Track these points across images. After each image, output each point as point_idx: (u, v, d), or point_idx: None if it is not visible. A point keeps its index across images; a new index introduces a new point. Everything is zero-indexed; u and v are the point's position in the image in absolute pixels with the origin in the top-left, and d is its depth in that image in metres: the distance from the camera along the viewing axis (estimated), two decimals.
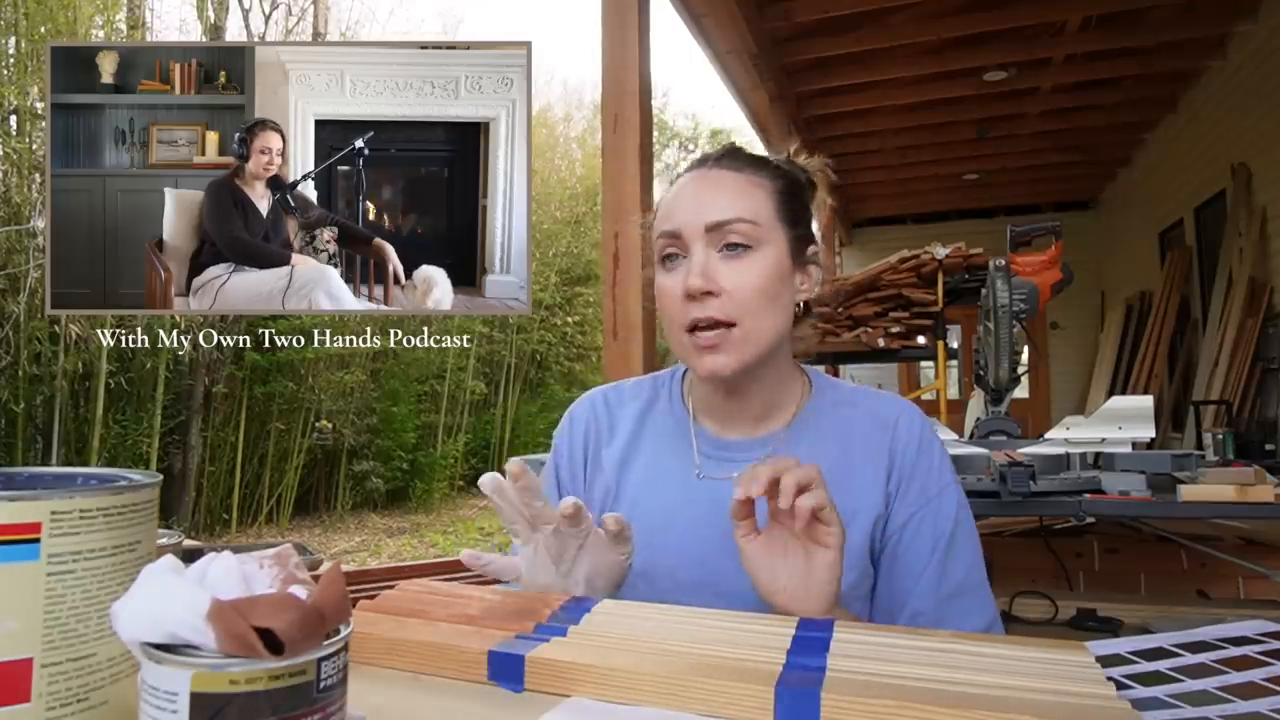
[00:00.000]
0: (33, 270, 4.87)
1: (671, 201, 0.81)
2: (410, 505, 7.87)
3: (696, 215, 0.77)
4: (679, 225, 0.78)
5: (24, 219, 4.94)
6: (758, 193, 0.79)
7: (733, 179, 0.79)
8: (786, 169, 0.84)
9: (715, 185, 0.79)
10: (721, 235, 0.77)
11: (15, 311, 4.83)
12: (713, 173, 0.81)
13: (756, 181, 0.80)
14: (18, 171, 5.16)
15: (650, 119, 2.66)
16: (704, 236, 0.77)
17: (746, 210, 0.77)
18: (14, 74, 5.14)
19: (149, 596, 0.33)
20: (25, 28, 5.16)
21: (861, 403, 0.85)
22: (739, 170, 0.80)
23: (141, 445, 5.66)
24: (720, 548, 0.78)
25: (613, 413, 0.91)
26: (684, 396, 0.90)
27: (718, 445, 0.84)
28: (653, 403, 0.91)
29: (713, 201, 0.78)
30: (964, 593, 0.78)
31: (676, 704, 0.46)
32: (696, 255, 0.77)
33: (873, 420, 0.83)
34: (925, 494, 0.80)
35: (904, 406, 0.85)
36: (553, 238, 9.00)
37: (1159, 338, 5.83)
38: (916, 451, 0.81)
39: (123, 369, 5.71)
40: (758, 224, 0.77)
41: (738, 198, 0.78)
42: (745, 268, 0.76)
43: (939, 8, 4.34)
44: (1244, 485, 1.57)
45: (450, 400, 8.19)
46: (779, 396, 0.84)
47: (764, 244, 0.77)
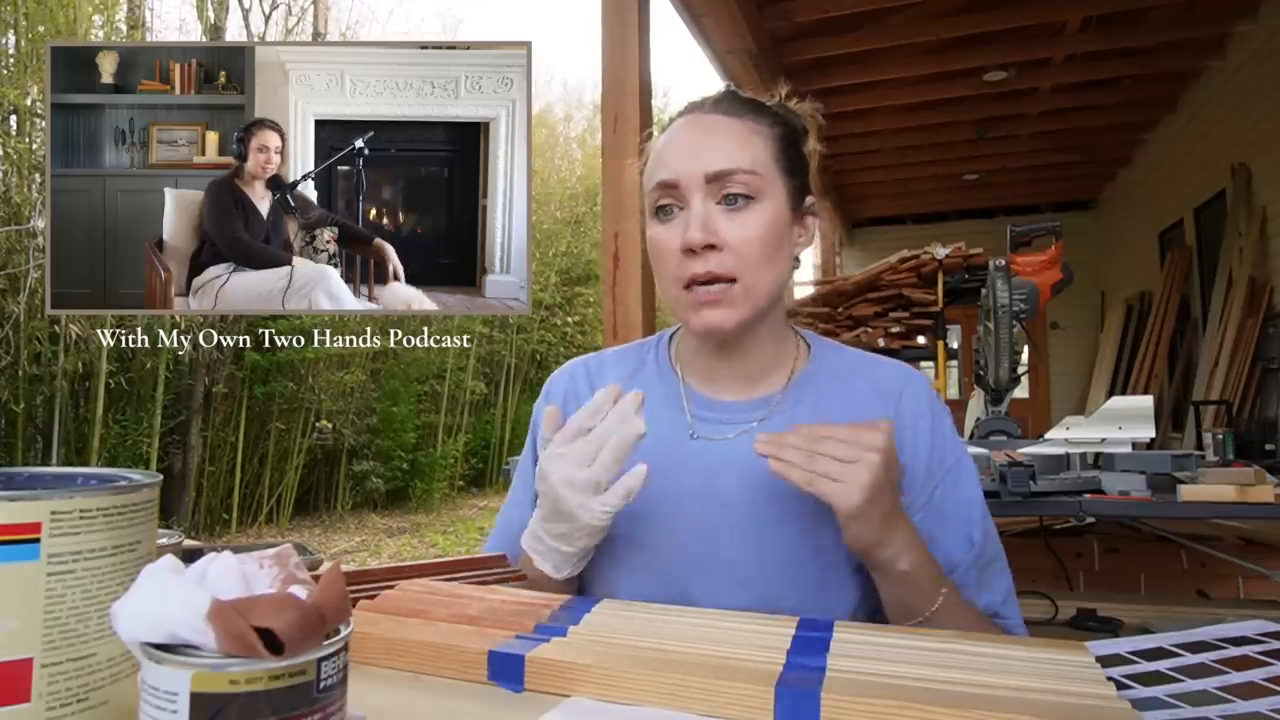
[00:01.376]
0: (33, 270, 4.86)
1: (666, 149, 0.76)
2: (410, 505, 7.87)
3: (695, 164, 0.73)
4: (676, 175, 0.74)
5: (24, 219, 4.95)
6: (757, 140, 0.75)
7: (731, 125, 0.75)
8: (784, 115, 0.80)
9: (713, 132, 0.75)
10: (721, 186, 0.73)
11: (15, 311, 4.83)
12: (709, 118, 0.76)
13: (755, 128, 0.75)
14: (18, 171, 5.16)
15: (650, 119, 2.66)
16: (703, 187, 0.73)
17: (747, 159, 0.73)
18: (14, 74, 5.14)
19: (149, 596, 0.33)
20: (25, 27, 5.16)
21: (865, 369, 0.82)
22: (738, 116, 0.76)
23: (141, 445, 5.66)
24: (719, 511, 0.76)
25: (594, 381, 0.87)
26: (671, 360, 0.87)
27: (711, 406, 0.81)
28: (639, 368, 0.87)
29: (712, 150, 0.73)
30: (994, 559, 0.78)
31: (676, 704, 0.46)
32: (695, 207, 0.73)
33: (876, 390, 0.80)
34: (944, 465, 0.78)
35: (910, 375, 0.82)
36: (553, 238, 9.00)
37: (1159, 338, 5.83)
38: (931, 424, 0.78)
39: (123, 369, 5.71)
40: (758, 174, 0.73)
41: (738, 146, 0.74)
42: (746, 220, 0.73)
43: (939, 8, 4.34)
44: (1244, 485, 1.57)
45: (450, 400, 8.18)
46: (773, 357, 0.81)
47: (765, 195, 0.74)
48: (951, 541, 0.76)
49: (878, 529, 0.66)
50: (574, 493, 0.69)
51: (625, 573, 0.78)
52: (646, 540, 0.77)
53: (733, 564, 0.75)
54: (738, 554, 0.75)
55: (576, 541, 0.71)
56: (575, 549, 0.72)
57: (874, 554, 0.67)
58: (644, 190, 0.80)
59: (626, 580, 0.78)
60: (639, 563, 0.77)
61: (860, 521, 0.65)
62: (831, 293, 3.64)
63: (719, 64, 4.30)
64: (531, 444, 0.88)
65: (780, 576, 0.74)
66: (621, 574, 0.78)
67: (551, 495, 0.70)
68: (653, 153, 0.79)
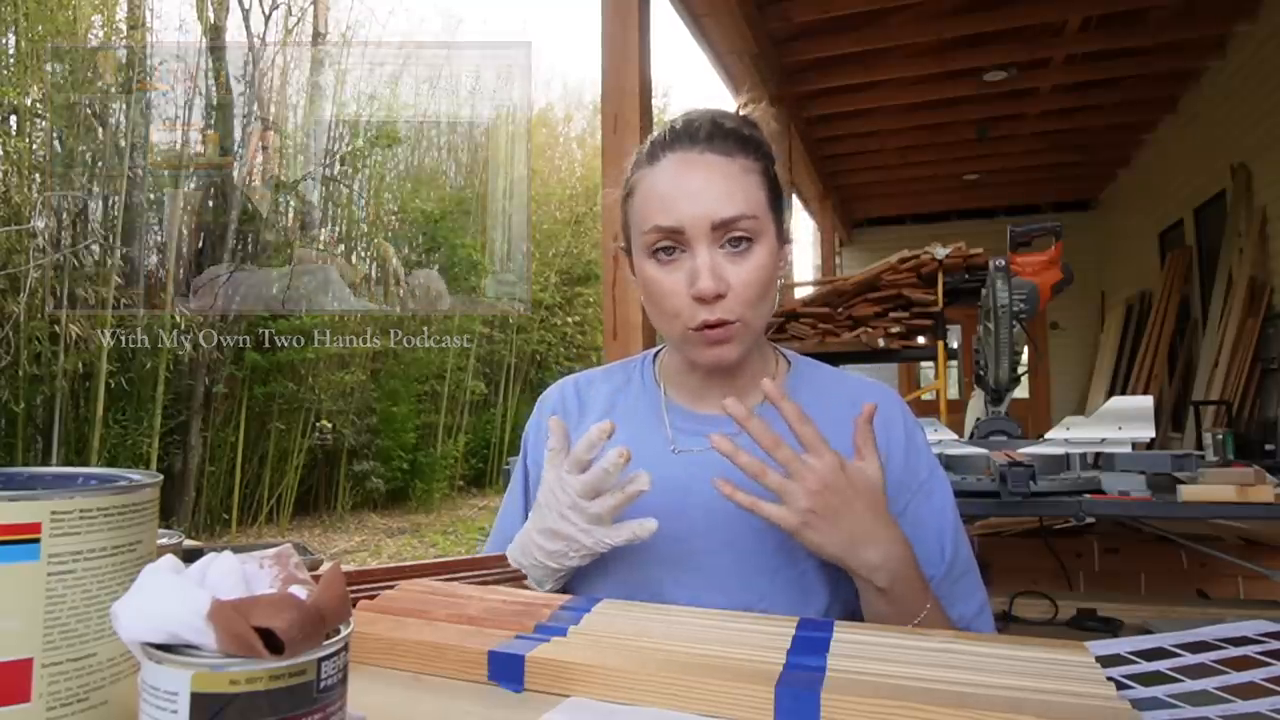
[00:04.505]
0: (33, 270, 4.86)
1: (663, 190, 0.76)
2: (410, 505, 7.86)
3: (700, 211, 0.73)
4: (680, 222, 0.74)
5: (24, 219, 4.94)
6: (752, 181, 0.76)
7: (727, 168, 0.76)
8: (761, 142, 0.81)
9: (711, 178, 0.75)
10: (725, 231, 0.74)
11: (15, 311, 4.83)
12: (704, 159, 0.76)
13: (748, 166, 0.77)
14: (18, 171, 5.15)
15: (650, 119, 2.66)
16: (709, 234, 0.74)
17: (748, 205, 0.75)
18: (14, 74, 5.14)
19: (149, 596, 0.33)
20: (25, 27, 5.16)
21: (840, 384, 0.86)
22: (730, 156, 0.76)
23: (141, 445, 5.66)
24: (699, 521, 0.78)
25: (582, 396, 0.91)
26: (656, 376, 0.90)
27: (692, 419, 0.84)
28: (625, 385, 0.91)
29: (715, 198, 0.74)
30: (966, 573, 0.79)
31: (676, 704, 0.46)
32: (702, 255, 0.74)
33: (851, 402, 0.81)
34: (917, 478, 0.80)
35: (884, 389, 0.85)
36: (553, 238, 8.99)
37: (1159, 338, 5.83)
38: (905, 438, 0.81)
39: (123, 369, 5.71)
40: (757, 217, 0.75)
41: (738, 190, 0.75)
42: (749, 264, 0.75)
43: (939, 8, 4.34)
44: (1244, 485, 1.57)
45: (450, 400, 8.18)
46: (754, 372, 0.84)
47: (762, 236, 0.76)
48: (923, 554, 0.76)
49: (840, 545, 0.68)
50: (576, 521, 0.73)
51: (601, 576, 0.80)
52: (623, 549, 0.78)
53: (709, 569, 0.77)
54: (714, 559, 0.77)
55: (568, 562, 0.75)
56: (564, 569, 0.76)
57: (846, 563, 0.69)
58: (630, 223, 0.81)
59: (601, 582, 0.80)
60: (616, 567, 0.79)
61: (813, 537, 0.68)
62: (831, 293, 3.64)
63: (719, 64, 4.31)
64: (523, 460, 0.92)
65: (755, 582, 0.77)
66: (597, 577, 0.80)
67: (553, 518, 0.74)
68: (641, 187, 0.79)
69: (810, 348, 3.37)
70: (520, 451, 0.93)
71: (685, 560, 0.78)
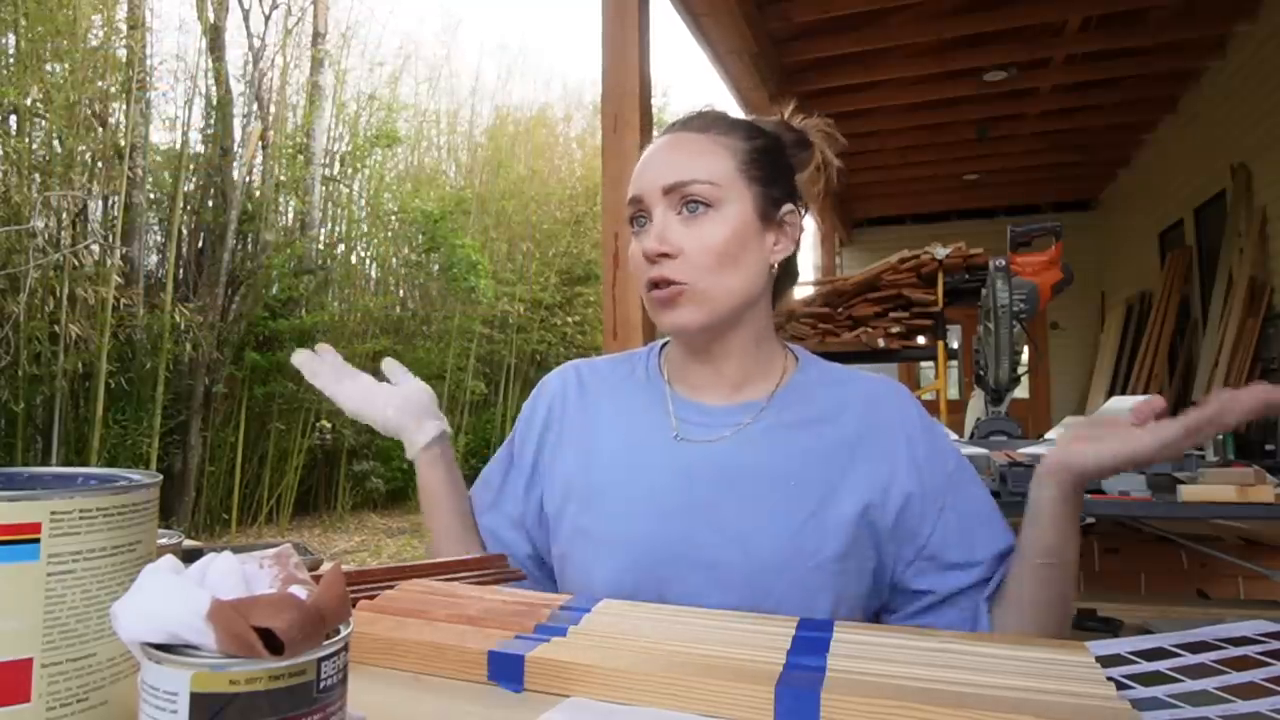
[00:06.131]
0: (33, 270, 4.86)
1: (638, 167, 0.83)
2: (410, 505, 7.86)
3: (655, 178, 0.79)
4: (640, 189, 0.80)
5: (24, 219, 4.94)
6: (720, 152, 0.79)
7: (695, 140, 0.80)
8: (766, 128, 0.84)
9: (676, 148, 0.80)
10: (679, 196, 0.78)
11: (15, 311, 4.82)
12: (679, 135, 0.82)
13: (722, 141, 0.80)
14: (18, 171, 5.15)
15: (650, 119, 2.66)
16: (662, 199, 0.78)
17: (703, 170, 0.78)
18: (14, 74, 5.14)
19: (149, 596, 0.33)
20: (25, 27, 5.16)
21: (852, 381, 0.85)
22: (703, 131, 0.81)
23: (141, 445, 5.65)
24: (700, 515, 0.77)
25: (584, 382, 0.91)
26: (661, 366, 0.90)
27: (695, 409, 0.84)
28: (629, 374, 0.91)
29: (671, 165, 0.79)
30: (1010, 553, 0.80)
31: (676, 704, 0.46)
32: (656, 218, 0.78)
33: (865, 400, 0.82)
34: (946, 469, 0.80)
35: (896, 385, 0.86)
36: (553, 238, 8.99)
37: (1159, 338, 5.83)
38: (922, 430, 0.81)
39: (123, 369, 5.71)
40: (715, 184, 0.77)
41: (696, 158, 0.79)
42: (703, 227, 0.77)
43: (939, 8, 4.34)
44: (1244, 485, 1.57)
45: (450, 400, 8.18)
46: (758, 365, 0.84)
47: (725, 203, 0.78)
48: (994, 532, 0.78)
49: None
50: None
51: (602, 570, 0.78)
52: (626, 537, 0.78)
53: (713, 565, 0.75)
54: (718, 555, 0.75)
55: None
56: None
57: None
58: None
59: (603, 577, 0.78)
60: (617, 560, 0.78)
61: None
62: (831, 293, 3.64)
63: (719, 64, 4.31)
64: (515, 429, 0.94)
65: (759, 579, 0.75)
66: (599, 570, 0.79)
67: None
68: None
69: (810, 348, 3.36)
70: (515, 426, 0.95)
71: (685, 550, 0.76)
